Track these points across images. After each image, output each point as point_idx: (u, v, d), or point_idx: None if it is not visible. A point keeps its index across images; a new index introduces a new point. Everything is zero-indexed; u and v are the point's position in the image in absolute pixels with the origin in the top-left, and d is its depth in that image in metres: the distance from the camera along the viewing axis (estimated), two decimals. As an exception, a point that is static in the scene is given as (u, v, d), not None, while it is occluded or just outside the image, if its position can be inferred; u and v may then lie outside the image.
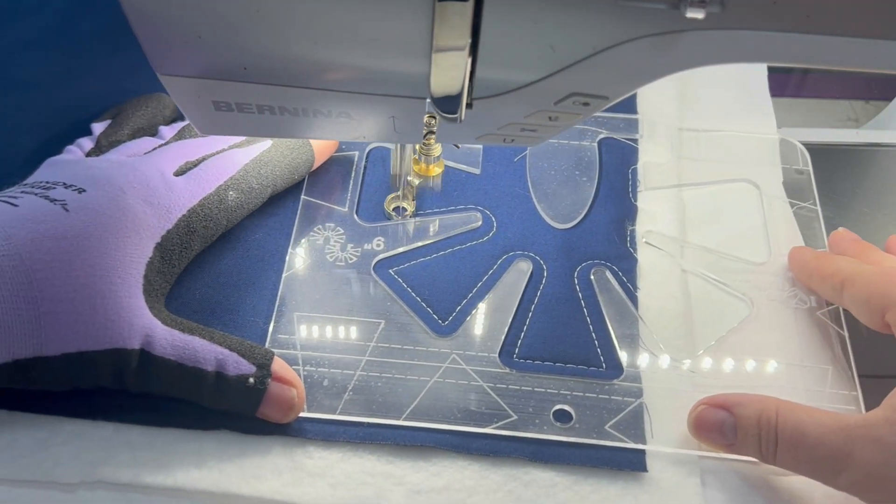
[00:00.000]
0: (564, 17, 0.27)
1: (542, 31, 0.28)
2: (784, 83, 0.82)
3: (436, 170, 0.49)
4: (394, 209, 0.50)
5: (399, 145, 0.46)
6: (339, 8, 0.27)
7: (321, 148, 0.49)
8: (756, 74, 0.59)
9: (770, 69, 0.60)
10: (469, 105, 0.32)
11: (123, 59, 0.49)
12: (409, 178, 0.48)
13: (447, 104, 0.31)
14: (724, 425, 0.39)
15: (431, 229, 0.49)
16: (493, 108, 0.33)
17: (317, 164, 0.50)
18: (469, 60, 0.29)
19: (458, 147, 0.53)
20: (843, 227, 0.47)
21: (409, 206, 0.50)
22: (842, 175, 0.54)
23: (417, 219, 0.49)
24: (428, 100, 0.32)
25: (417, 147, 0.47)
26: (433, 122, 0.35)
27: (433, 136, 0.37)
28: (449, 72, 0.30)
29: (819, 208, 0.51)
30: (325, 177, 0.51)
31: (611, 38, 0.28)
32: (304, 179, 0.50)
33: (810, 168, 0.53)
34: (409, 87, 0.31)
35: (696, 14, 0.26)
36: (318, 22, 0.28)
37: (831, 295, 0.43)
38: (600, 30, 0.28)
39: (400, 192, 0.49)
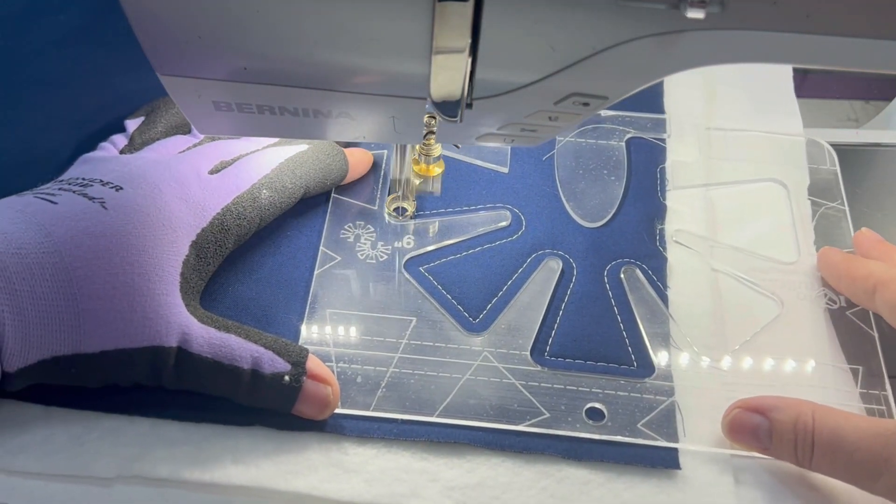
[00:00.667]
0: (564, 17, 0.27)
1: (542, 31, 0.28)
2: None
3: (436, 170, 0.48)
4: (394, 209, 0.50)
5: (399, 145, 0.46)
6: (339, 8, 0.27)
7: (356, 162, 0.50)
8: (781, 74, 0.59)
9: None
10: (469, 105, 0.32)
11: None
12: (409, 178, 0.48)
13: (447, 106, 0.32)
14: (760, 429, 0.39)
15: (461, 227, 0.49)
16: (493, 109, 0.33)
17: (350, 178, 0.50)
18: (469, 61, 0.29)
19: (458, 147, 0.53)
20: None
21: (410, 207, 0.49)
22: (842, 175, 0.53)
23: (447, 217, 0.49)
24: (428, 100, 0.32)
25: (417, 147, 0.47)
26: (433, 122, 0.35)
27: (433, 136, 0.37)
28: (449, 73, 0.30)
29: (847, 208, 0.51)
30: (355, 175, 0.51)
31: (611, 38, 0.28)
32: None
33: (837, 168, 0.53)
34: (409, 87, 0.31)
35: (697, 14, 0.26)
36: (318, 22, 0.28)
37: (862, 298, 0.43)
38: (600, 30, 0.28)
39: (400, 193, 0.49)
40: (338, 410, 0.41)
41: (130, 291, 0.38)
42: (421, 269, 0.47)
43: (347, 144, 0.52)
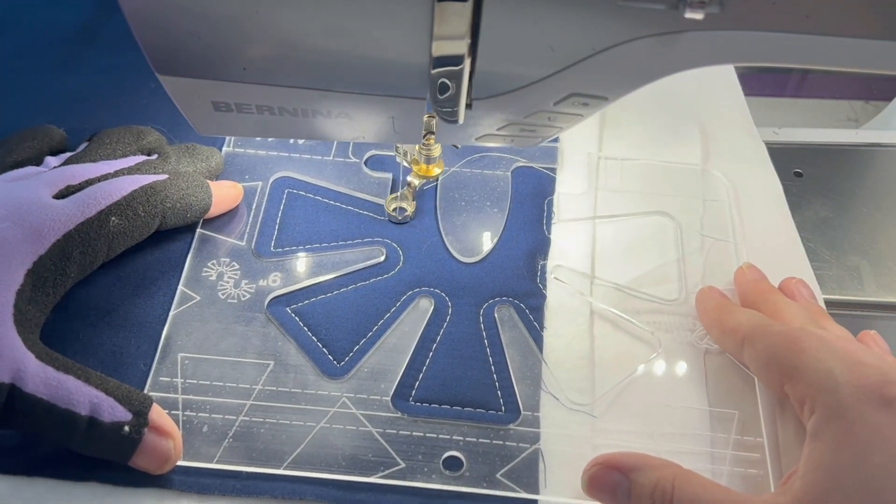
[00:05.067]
0: (564, 17, 0.27)
1: (542, 32, 0.28)
2: (784, 83, 0.82)
3: (435, 170, 0.48)
4: (394, 209, 0.49)
5: (399, 145, 0.46)
6: (339, 8, 0.27)
7: (222, 196, 0.48)
8: (687, 99, 0.58)
9: (770, 69, 0.60)
10: (469, 105, 0.32)
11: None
12: (408, 178, 0.48)
13: (446, 108, 0.32)
14: (619, 489, 0.37)
15: (333, 264, 0.47)
16: (493, 109, 0.33)
17: (216, 212, 0.48)
18: (469, 61, 0.29)
19: (457, 147, 0.52)
20: (840, 226, 0.46)
21: (409, 207, 0.49)
22: (842, 175, 0.53)
23: (318, 253, 0.47)
24: (427, 100, 0.32)
25: (417, 147, 0.47)
26: (433, 122, 0.35)
27: (433, 137, 0.37)
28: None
29: (735, 244, 0.49)
30: (225, 208, 0.49)
31: (610, 38, 0.28)
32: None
33: (729, 200, 0.51)
34: (409, 87, 0.31)
35: (696, 15, 0.26)
36: (317, 22, 0.28)
37: (732, 350, 0.42)
38: (600, 30, 0.28)
39: (399, 193, 0.49)
40: (180, 463, 0.39)
41: None
42: (287, 308, 0.45)
43: (218, 177, 0.50)
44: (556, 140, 0.54)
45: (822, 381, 0.35)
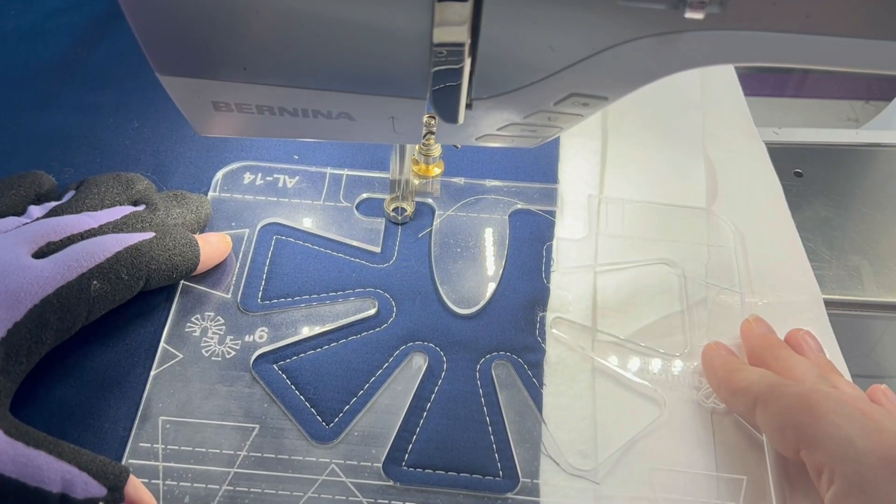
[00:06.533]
0: (564, 17, 0.27)
1: (542, 32, 0.28)
2: (784, 83, 0.82)
3: (435, 170, 0.48)
4: (393, 210, 0.49)
5: (398, 145, 0.46)
6: (339, 8, 0.27)
7: (210, 251, 0.45)
8: (692, 137, 0.56)
9: (770, 69, 0.59)
10: (469, 106, 0.32)
11: None
12: (408, 178, 0.48)
13: (445, 109, 0.32)
14: None
15: (322, 317, 0.45)
16: (493, 109, 0.32)
17: (203, 268, 0.46)
18: (469, 61, 0.29)
19: (458, 147, 0.51)
20: (840, 226, 0.44)
21: (409, 207, 0.49)
22: (842, 175, 0.52)
23: (307, 306, 0.45)
24: (427, 100, 0.32)
25: (417, 147, 0.46)
26: (433, 122, 0.36)
27: (433, 137, 0.37)
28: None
29: (741, 293, 0.47)
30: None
31: (611, 38, 0.28)
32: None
33: (735, 246, 0.49)
34: (409, 87, 0.31)
35: (696, 15, 0.26)
36: (317, 22, 0.28)
37: (741, 411, 0.40)
38: (600, 30, 0.28)
39: (399, 193, 0.49)
40: (159, 538, 0.37)
41: None
42: (274, 366, 0.43)
43: (203, 230, 0.48)
44: (555, 181, 0.52)
45: (842, 450, 0.34)
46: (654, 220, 0.51)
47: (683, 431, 0.42)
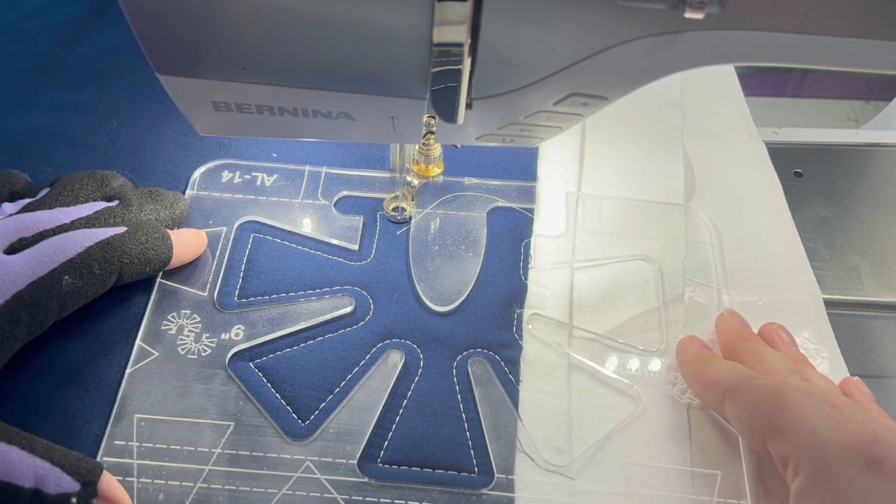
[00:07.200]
0: (564, 17, 0.27)
1: (542, 32, 0.28)
2: (784, 83, 0.83)
3: (435, 170, 0.49)
4: (393, 209, 0.49)
5: (398, 145, 0.46)
6: (339, 8, 0.27)
7: (184, 246, 0.45)
8: (671, 134, 0.56)
9: (770, 69, 0.59)
10: (469, 105, 0.32)
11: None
12: (408, 178, 0.48)
13: (445, 109, 0.32)
14: None
15: (298, 315, 0.45)
16: (493, 109, 0.33)
17: (177, 263, 0.46)
18: (469, 61, 0.29)
19: (457, 147, 0.51)
20: (840, 226, 0.45)
21: (409, 207, 0.49)
22: (842, 175, 0.53)
23: (284, 304, 0.45)
24: (427, 100, 0.32)
25: (417, 147, 0.47)
26: (433, 122, 0.36)
27: (433, 137, 0.37)
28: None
29: (717, 289, 0.47)
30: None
31: (611, 38, 0.28)
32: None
33: (712, 243, 0.50)
34: (409, 87, 0.31)
35: (696, 14, 0.26)
36: (317, 22, 0.28)
37: (712, 404, 0.40)
38: (600, 30, 0.28)
39: (399, 193, 0.49)
40: (132, 536, 0.37)
41: None
42: (250, 364, 0.43)
43: (179, 226, 0.48)
44: (534, 179, 0.52)
45: (806, 440, 0.34)
46: (631, 216, 0.51)
47: (659, 427, 0.42)
